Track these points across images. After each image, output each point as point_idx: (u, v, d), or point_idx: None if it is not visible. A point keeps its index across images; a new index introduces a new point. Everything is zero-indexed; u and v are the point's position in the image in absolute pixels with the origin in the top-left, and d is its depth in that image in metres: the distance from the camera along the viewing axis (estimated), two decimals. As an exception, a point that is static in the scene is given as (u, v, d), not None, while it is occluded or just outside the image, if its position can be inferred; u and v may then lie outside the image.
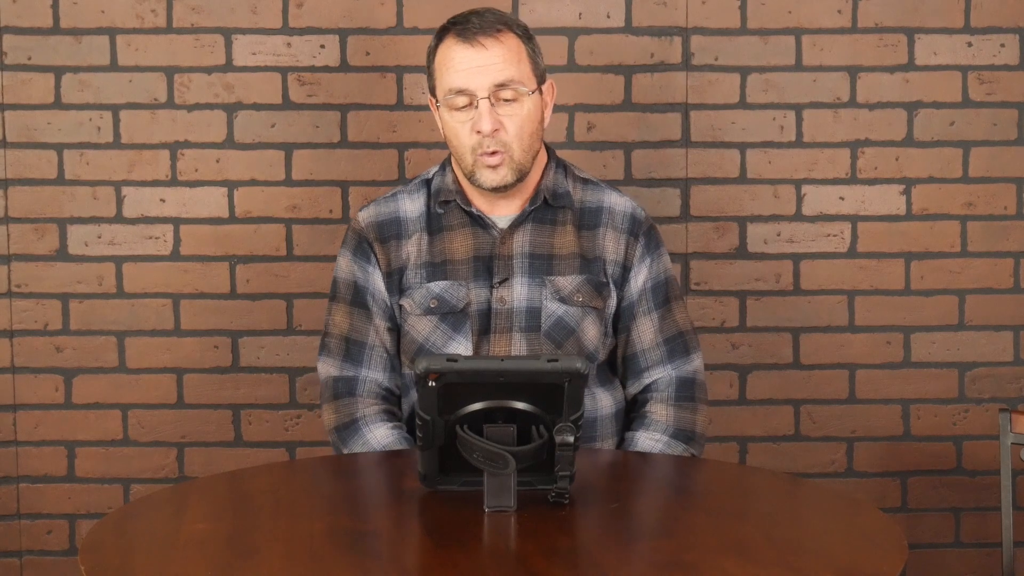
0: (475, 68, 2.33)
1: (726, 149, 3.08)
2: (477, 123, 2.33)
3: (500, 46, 2.34)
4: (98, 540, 1.88)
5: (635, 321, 2.47)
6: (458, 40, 2.34)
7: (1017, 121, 3.09)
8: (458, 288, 2.40)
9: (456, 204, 2.43)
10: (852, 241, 3.09)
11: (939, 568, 3.15)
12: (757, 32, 3.05)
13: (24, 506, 3.10)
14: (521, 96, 2.35)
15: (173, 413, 3.09)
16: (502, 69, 2.33)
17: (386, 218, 2.46)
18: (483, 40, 2.33)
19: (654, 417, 2.45)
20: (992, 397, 3.13)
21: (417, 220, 2.45)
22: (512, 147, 2.35)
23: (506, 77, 2.33)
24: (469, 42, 2.33)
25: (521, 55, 2.36)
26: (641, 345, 2.48)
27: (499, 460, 1.93)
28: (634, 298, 2.46)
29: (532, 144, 2.38)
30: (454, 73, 2.34)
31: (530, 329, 2.39)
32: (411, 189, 2.48)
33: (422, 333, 2.41)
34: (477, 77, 2.33)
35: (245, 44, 3.03)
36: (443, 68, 2.36)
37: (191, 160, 3.05)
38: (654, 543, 1.87)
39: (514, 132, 2.35)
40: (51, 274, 3.06)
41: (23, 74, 3.03)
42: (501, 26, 2.36)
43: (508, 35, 2.36)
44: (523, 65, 2.36)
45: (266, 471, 2.26)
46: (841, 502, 2.13)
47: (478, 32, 2.33)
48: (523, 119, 2.35)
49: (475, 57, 2.33)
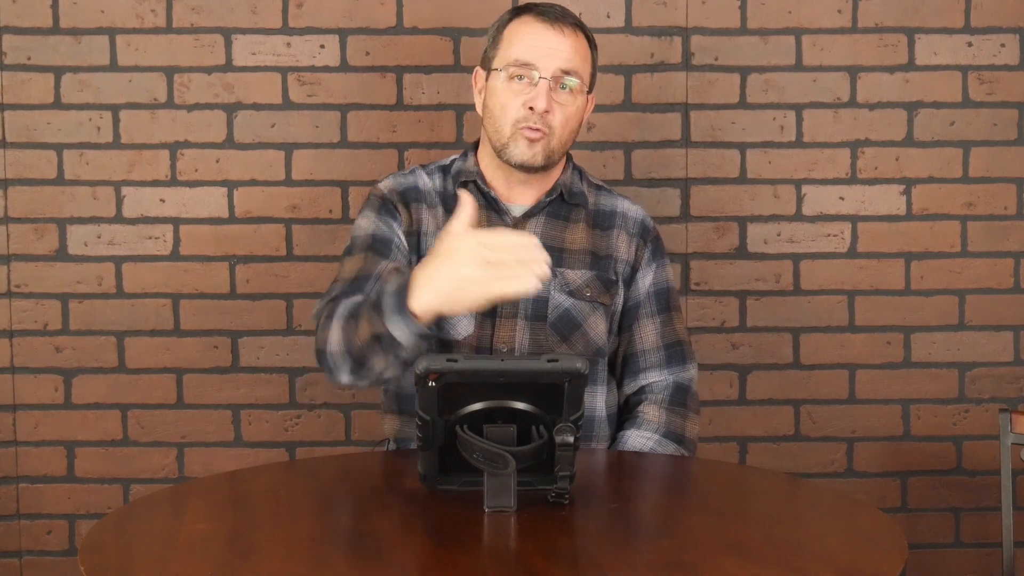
0: (549, 48, 2.39)
1: (726, 149, 3.08)
2: (533, 99, 2.37)
3: (576, 38, 2.42)
4: (98, 540, 1.88)
5: (639, 322, 2.51)
6: (540, 19, 2.41)
7: (1017, 121, 3.09)
8: None
9: (475, 186, 2.45)
10: (852, 241, 3.09)
11: (939, 568, 3.15)
12: (757, 32, 3.05)
13: (24, 506, 3.10)
14: (576, 91, 2.40)
15: (173, 413, 3.09)
16: (571, 58, 2.39)
17: (407, 186, 2.49)
18: (563, 27, 2.40)
19: (646, 417, 2.47)
20: (992, 397, 3.13)
21: (435, 195, 2.47)
22: (554, 133, 2.40)
23: (573, 66, 2.40)
24: (551, 23, 2.40)
25: (587, 56, 2.44)
26: (642, 345, 2.51)
27: (499, 460, 1.93)
28: (640, 299, 2.51)
29: (569, 140, 2.44)
30: (528, 46, 2.39)
31: (535, 318, 2.41)
32: (430, 170, 2.52)
33: None
34: (548, 57, 2.38)
35: (245, 44, 3.03)
36: (515, 38, 2.41)
37: (191, 160, 3.05)
38: (654, 543, 1.87)
39: (560, 121, 2.40)
40: (51, 274, 3.06)
41: (23, 74, 3.03)
42: (578, 26, 2.44)
43: (582, 35, 2.44)
44: (586, 65, 2.43)
45: (266, 471, 2.26)
46: (841, 502, 2.13)
47: (560, 19, 2.41)
48: (571, 113, 2.41)
49: (552, 38, 2.39)
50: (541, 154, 2.39)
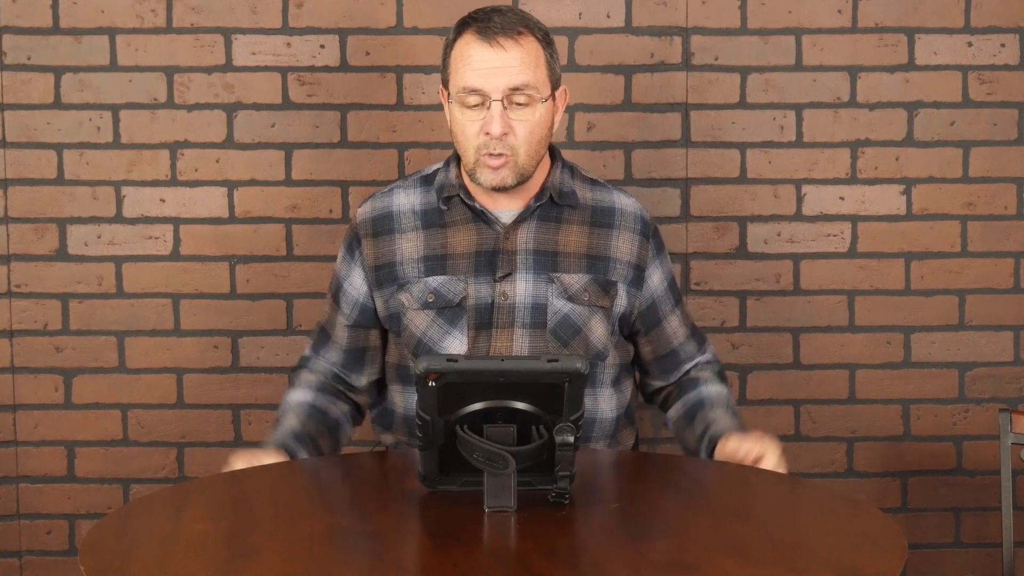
0: (492, 69, 2.30)
1: (726, 149, 3.08)
2: (487, 125, 2.31)
3: (519, 49, 2.32)
4: (98, 540, 1.88)
5: (666, 319, 2.52)
6: (478, 38, 2.32)
7: (1017, 121, 3.09)
8: (455, 283, 2.40)
9: (459, 199, 2.43)
10: (852, 241, 3.09)
11: (939, 568, 3.15)
12: (757, 32, 3.06)
13: (24, 506, 3.10)
14: (534, 102, 2.33)
15: (173, 413, 3.09)
16: (519, 73, 2.31)
17: (380, 213, 2.46)
18: (503, 41, 2.31)
19: (703, 376, 2.55)
20: (992, 397, 3.13)
21: (414, 215, 2.45)
22: (519, 151, 2.34)
23: (522, 81, 2.31)
24: (488, 41, 2.31)
25: (539, 60, 2.34)
26: (677, 340, 2.54)
27: (499, 460, 1.93)
28: (657, 296, 2.50)
29: (539, 150, 2.38)
30: (470, 71, 2.31)
31: (534, 326, 2.39)
32: (408, 185, 2.48)
33: (420, 327, 2.41)
34: (493, 78, 2.30)
35: (245, 44, 3.03)
36: (459, 64, 2.33)
37: (191, 160, 3.05)
38: (654, 543, 1.86)
39: (523, 137, 2.33)
40: (51, 274, 3.06)
41: (23, 74, 3.03)
42: (522, 28, 2.33)
43: (528, 38, 2.33)
44: (540, 71, 2.34)
45: (266, 471, 2.26)
46: (841, 502, 2.13)
47: (499, 32, 2.31)
48: (533, 125, 2.34)
49: (493, 58, 2.30)
50: (510, 176, 2.35)
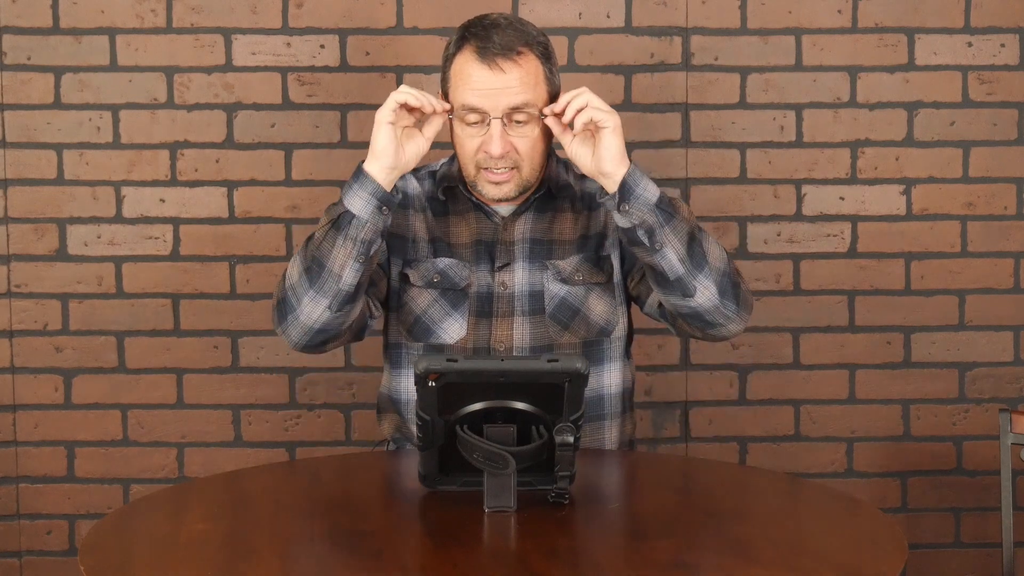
0: (494, 90, 2.30)
1: (726, 149, 3.08)
2: (487, 144, 2.32)
3: (518, 69, 2.31)
4: (98, 540, 1.88)
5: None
6: (477, 58, 2.32)
7: (1017, 121, 3.09)
8: (462, 267, 2.42)
9: (460, 191, 2.44)
10: (852, 241, 3.09)
11: (939, 568, 3.15)
12: (757, 32, 3.06)
13: (24, 506, 3.10)
14: (534, 119, 2.33)
15: (173, 413, 3.09)
16: (518, 93, 2.31)
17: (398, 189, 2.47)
18: (502, 63, 2.30)
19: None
20: (992, 397, 3.13)
21: (422, 199, 2.47)
22: (522, 165, 2.35)
23: (521, 101, 2.31)
24: (487, 63, 2.31)
25: (539, 78, 2.34)
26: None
27: (499, 460, 1.93)
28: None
29: (541, 162, 2.39)
30: (469, 91, 2.32)
31: (534, 312, 2.41)
32: (421, 175, 2.50)
33: (420, 305, 2.41)
34: (492, 99, 2.30)
35: (245, 44, 3.03)
36: (458, 81, 2.34)
37: (191, 160, 3.05)
38: (654, 543, 1.87)
39: (525, 152, 2.34)
40: (51, 274, 3.06)
41: (23, 74, 3.03)
42: (522, 47, 2.33)
43: (527, 56, 2.33)
44: (539, 88, 2.34)
45: (266, 471, 2.26)
46: (841, 502, 2.13)
47: (498, 54, 2.31)
48: (534, 140, 2.34)
49: (492, 79, 2.30)
50: (513, 189, 2.36)
